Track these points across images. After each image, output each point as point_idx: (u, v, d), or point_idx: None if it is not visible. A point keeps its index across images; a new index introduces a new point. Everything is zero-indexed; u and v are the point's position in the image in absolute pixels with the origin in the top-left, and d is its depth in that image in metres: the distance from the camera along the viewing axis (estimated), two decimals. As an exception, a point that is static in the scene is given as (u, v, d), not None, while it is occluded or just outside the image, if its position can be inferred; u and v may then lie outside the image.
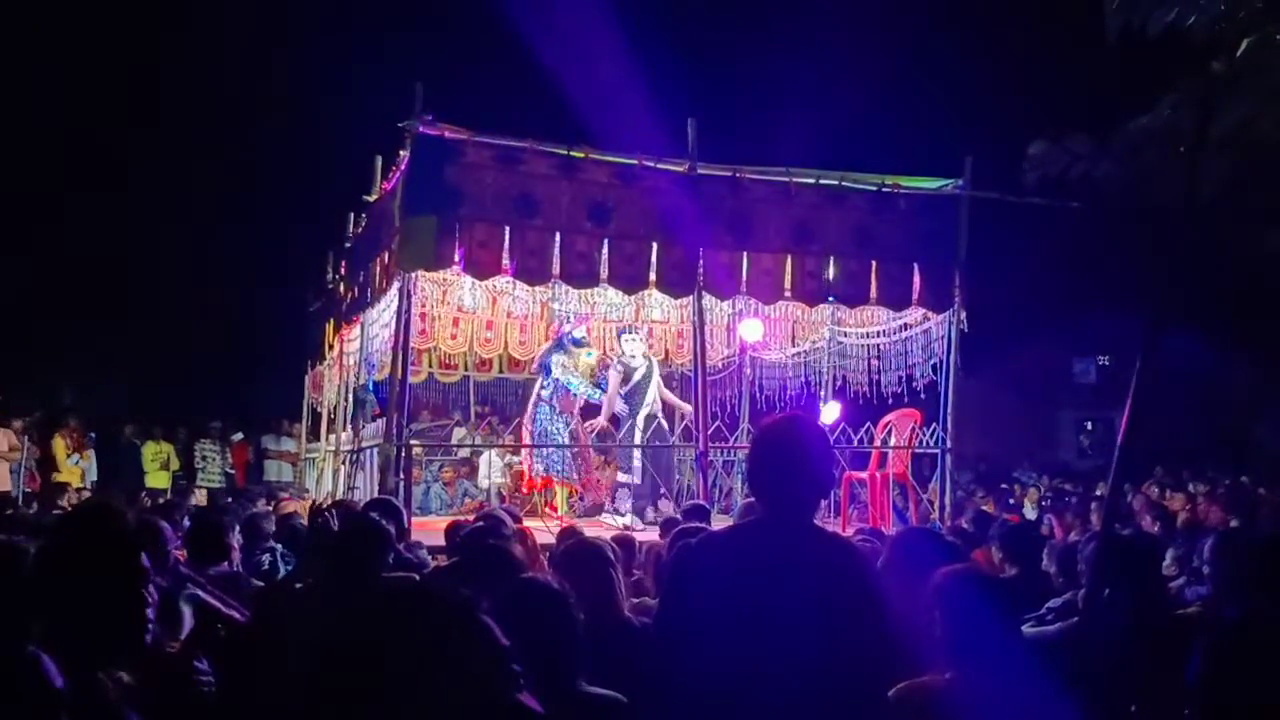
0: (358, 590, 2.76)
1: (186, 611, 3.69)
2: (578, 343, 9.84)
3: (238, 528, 5.66)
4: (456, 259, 7.62)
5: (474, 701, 1.27)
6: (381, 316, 8.87)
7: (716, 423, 9.19)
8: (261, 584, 4.92)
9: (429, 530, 7.47)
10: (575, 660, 2.54)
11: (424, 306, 9.73)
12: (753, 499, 3.37)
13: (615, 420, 9.72)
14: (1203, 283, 12.11)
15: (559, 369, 9.65)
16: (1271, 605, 1.76)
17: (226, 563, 4.88)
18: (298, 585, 3.73)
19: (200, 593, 3.88)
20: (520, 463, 10.76)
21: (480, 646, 1.32)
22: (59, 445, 12.57)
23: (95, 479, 13.13)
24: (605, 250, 7.98)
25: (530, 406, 9.81)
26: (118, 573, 2.14)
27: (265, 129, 17.32)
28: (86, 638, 2.04)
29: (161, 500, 10.21)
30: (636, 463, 9.70)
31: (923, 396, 9.54)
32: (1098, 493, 12.31)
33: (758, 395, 11.65)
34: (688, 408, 9.84)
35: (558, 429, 9.60)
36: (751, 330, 10.02)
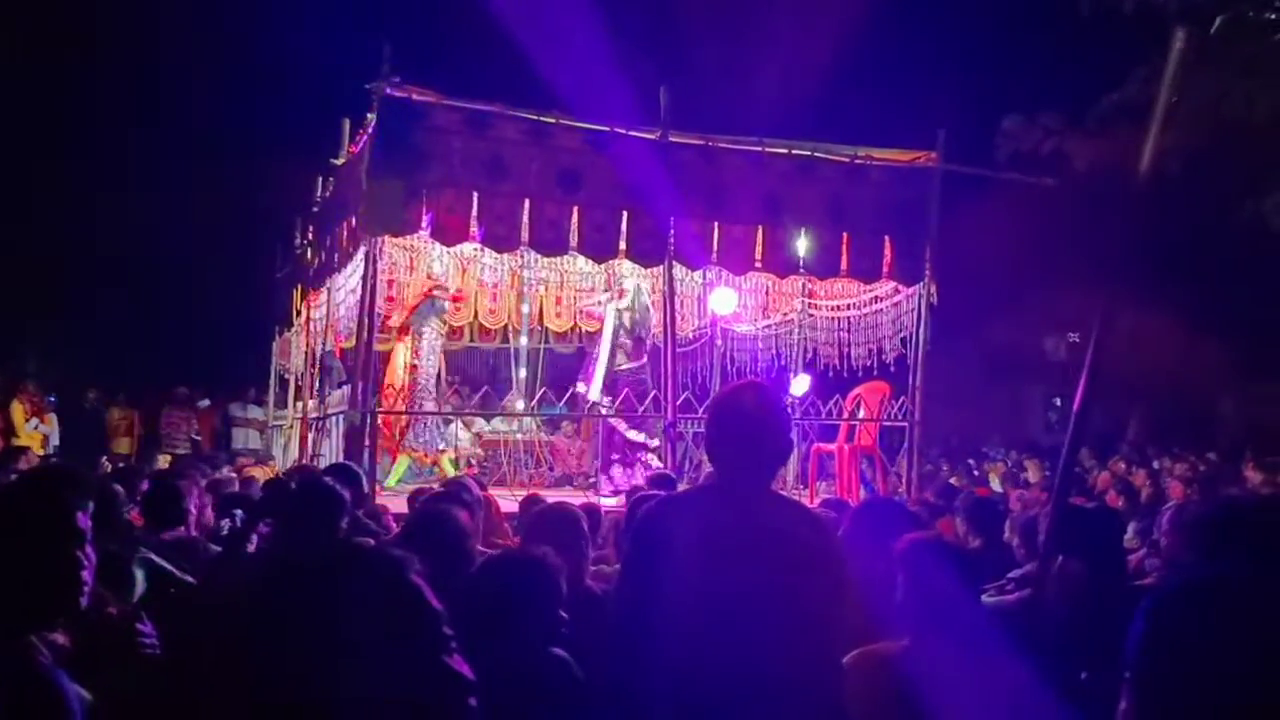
0: (308, 554, 2.71)
1: (139, 575, 3.64)
2: (442, 309, 9.80)
3: (196, 492, 5.60)
4: (424, 224, 7.53)
5: (401, 662, 1.24)
6: (348, 282, 8.78)
7: (686, 394, 9.17)
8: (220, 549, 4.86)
9: (395, 498, 7.44)
10: (545, 629, 2.56)
11: (392, 274, 9.64)
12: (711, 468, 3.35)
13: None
14: (1170, 256, 12.20)
15: (433, 333, 9.64)
16: (1212, 571, 1.75)
17: (183, 527, 4.82)
18: (250, 548, 3.69)
19: (152, 556, 3.83)
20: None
21: (408, 607, 1.29)
22: (17, 410, 12.40)
23: (58, 444, 12.96)
24: (575, 218, 7.90)
25: (406, 371, 9.58)
26: (50, 534, 2.08)
27: (231, 91, 17.05)
28: (16, 600, 1.99)
29: (122, 465, 10.09)
30: None
31: (892, 370, 9.56)
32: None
33: (728, 367, 11.64)
34: None
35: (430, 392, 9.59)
36: (724, 302, 9.98)
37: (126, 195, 17.21)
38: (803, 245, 8.63)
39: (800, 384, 10.30)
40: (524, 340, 11.20)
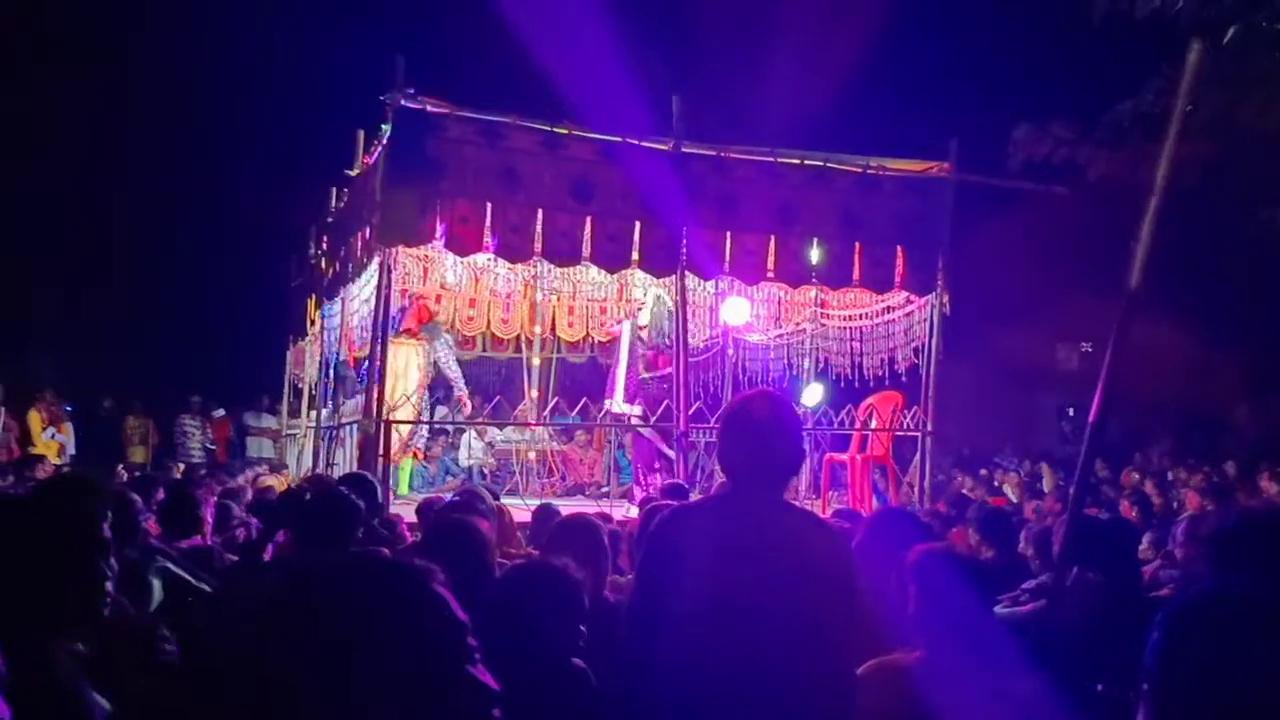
0: (329, 563, 2.73)
1: (156, 584, 3.67)
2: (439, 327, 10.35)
3: (214, 501, 5.64)
4: (438, 235, 7.57)
5: (424, 672, 1.25)
6: (362, 292, 8.83)
7: (698, 403, 9.18)
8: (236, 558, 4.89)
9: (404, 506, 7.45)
10: (566, 640, 2.57)
11: (405, 283, 9.68)
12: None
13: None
14: (1185, 267, 12.16)
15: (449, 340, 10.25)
16: (1232, 581, 1.75)
17: (200, 536, 4.86)
18: (266, 557, 3.72)
19: (170, 565, 3.85)
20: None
21: (432, 618, 1.29)
22: (34, 418, 12.47)
23: (74, 453, 13.03)
24: (588, 228, 7.93)
25: (420, 386, 9.98)
26: (77, 544, 2.10)
27: (247, 101, 17.15)
28: (41, 609, 2.01)
29: (139, 474, 10.14)
30: None
31: (904, 379, 9.55)
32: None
33: (740, 377, 11.64)
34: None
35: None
36: (737, 313, 9.97)
37: (142, 205, 17.33)
38: (815, 255, 8.64)
39: (812, 394, 10.29)
40: (535, 362, 11.39)
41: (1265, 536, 2.03)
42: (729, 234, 8.38)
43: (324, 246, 10.90)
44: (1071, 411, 22.39)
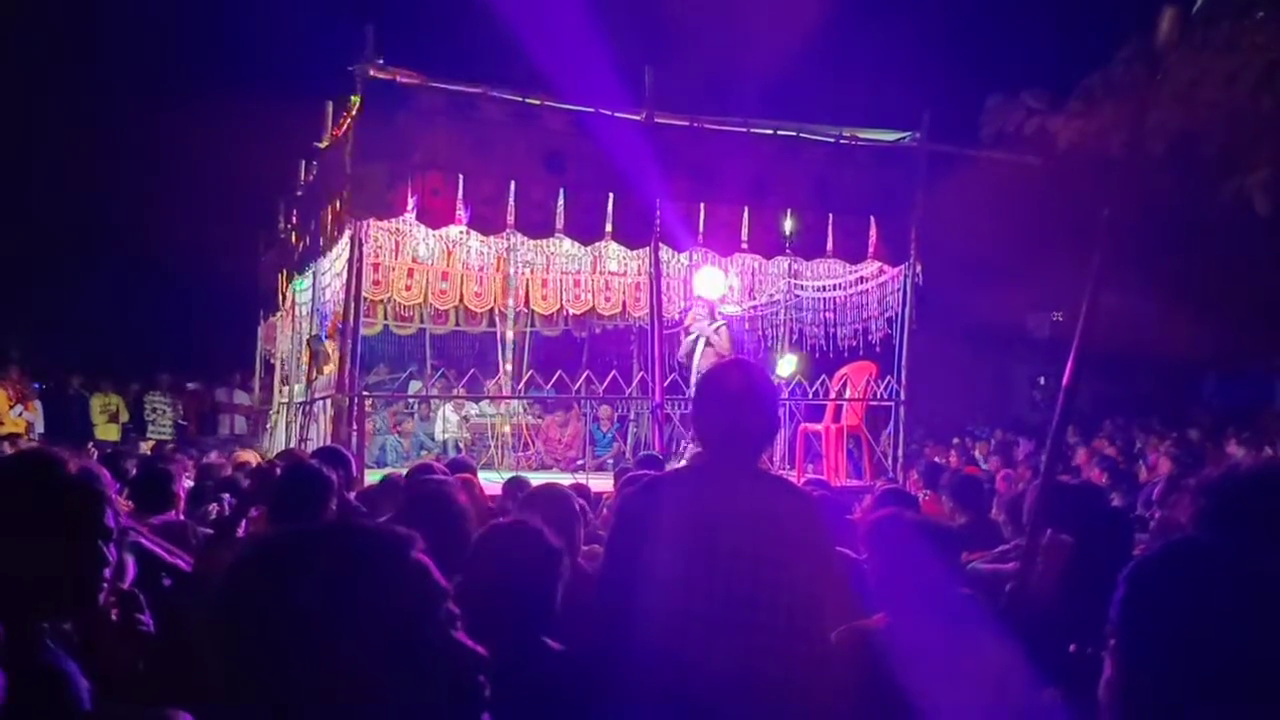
0: (306, 533, 2.70)
1: (130, 560, 3.64)
2: None
3: (185, 476, 5.60)
4: (409, 207, 7.50)
5: (405, 641, 1.24)
6: (334, 266, 8.75)
7: (673, 375, 9.19)
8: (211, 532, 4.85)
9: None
10: (542, 607, 2.55)
11: (377, 257, 9.61)
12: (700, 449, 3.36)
13: None
14: (1151, 237, 12.27)
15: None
16: (1195, 536, 1.77)
17: (173, 511, 4.82)
18: (239, 532, 3.70)
19: (143, 540, 3.82)
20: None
21: (412, 584, 1.28)
22: (0, 397, 12.32)
23: (42, 431, 12.89)
24: (561, 200, 7.89)
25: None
26: (80, 530, 2.07)
27: (212, 73, 16.90)
28: (37, 593, 1.98)
29: (110, 451, 10.06)
30: None
31: (878, 349, 9.59)
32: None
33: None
34: None
35: None
36: (711, 283, 9.95)
37: (108, 181, 17.05)
38: (788, 226, 8.64)
39: (787, 365, 10.32)
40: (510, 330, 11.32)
41: (1250, 493, 2.02)
42: (703, 205, 8.36)
43: (293, 220, 10.78)
44: (1043, 380, 22.63)
